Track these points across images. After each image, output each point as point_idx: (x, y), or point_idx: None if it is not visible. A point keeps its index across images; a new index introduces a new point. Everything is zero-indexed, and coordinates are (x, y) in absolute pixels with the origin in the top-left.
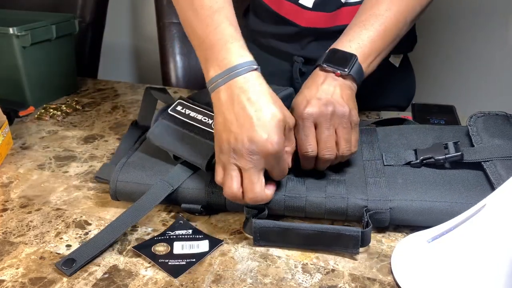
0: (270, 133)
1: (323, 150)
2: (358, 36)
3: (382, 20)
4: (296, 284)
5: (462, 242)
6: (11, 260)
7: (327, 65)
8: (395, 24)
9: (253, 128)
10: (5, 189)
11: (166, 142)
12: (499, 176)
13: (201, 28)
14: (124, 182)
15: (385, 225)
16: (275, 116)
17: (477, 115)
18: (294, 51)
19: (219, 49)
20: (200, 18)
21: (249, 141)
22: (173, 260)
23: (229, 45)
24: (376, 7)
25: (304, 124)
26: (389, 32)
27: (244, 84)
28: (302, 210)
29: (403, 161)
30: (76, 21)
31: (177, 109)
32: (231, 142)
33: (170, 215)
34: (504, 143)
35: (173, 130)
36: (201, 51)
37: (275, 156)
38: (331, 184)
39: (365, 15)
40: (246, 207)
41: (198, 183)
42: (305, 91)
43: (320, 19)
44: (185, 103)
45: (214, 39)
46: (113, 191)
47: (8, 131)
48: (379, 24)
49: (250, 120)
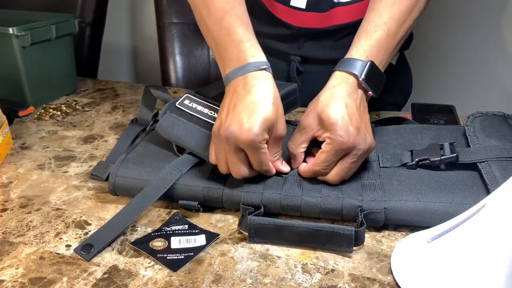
0: (252, 123)
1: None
2: (387, 46)
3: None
4: (296, 284)
5: (462, 242)
6: (10, 260)
7: (366, 85)
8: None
9: (239, 116)
10: (4, 189)
11: (173, 135)
12: (494, 177)
13: (215, 30)
14: (123, 178)
15: (380, 225)
16: (266, 113)
17: (474, 115)
18: (291, 51)
19: (232, 50)
20: (214, 20)
21: (231, 125)
22: (171, 254)
23: (241, 46)
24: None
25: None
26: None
27: (252, 81)
28: (298, 209)
29: (399, 163)
30: (76, 21)
31: (184, 102)
32: (219, 127)
33: (170, 215)
34: (500, 144)
35: (181, 123)
36: (217, 52)
37: (249, 145)
38: (327, 186)
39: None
40: (242, 204)
41: (195, 180)
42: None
43: (314, 20)
44: (193, 97)
45: (228, 40)
46: (112, 186)
47: (7, 131)
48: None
49: (240, 109)
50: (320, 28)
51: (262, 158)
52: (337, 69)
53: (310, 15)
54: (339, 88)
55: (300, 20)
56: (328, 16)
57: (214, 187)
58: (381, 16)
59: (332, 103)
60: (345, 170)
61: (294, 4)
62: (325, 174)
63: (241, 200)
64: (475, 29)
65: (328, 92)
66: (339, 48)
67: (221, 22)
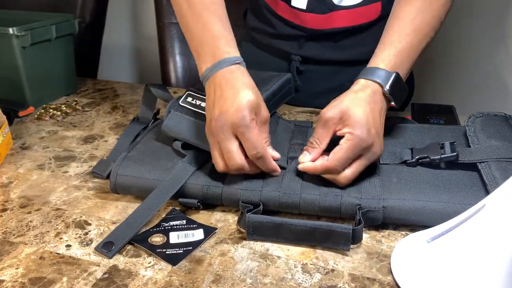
0: (239, 104)
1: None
2: (409, 56)
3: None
4: (296, 284)
5: (461, 242)
6: (11, 260)
7: (390, 96)
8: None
9: (225, 103)
10: (5, 189)
11: (180, 132)
12: (493, 177)
13: (193, 24)
14: (123, 176)
15: (378, 223)
16: (248, 97)
17: (475, 116)
18: (292, 50)
19: (208, 46)
20: (193, 14)
21: (219, 113)
22: (170, 249)
23: (217, 42)
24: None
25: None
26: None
27: (228, 75)
28: (297, 206)
29: (399, 160)
30: (76, 21)
31: (187, 100)
32: (210, 121)
33: (168, 211)
34: (501, 145)
35: (186, 120)
36: (193, 46)
37: (240, 124)
38: (326, 183)
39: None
40: (241, 202)
41: (195, 178)
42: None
43: (314, 21)
44: (194, 94)
45: (204, 35)
46: (113, 184)
47: (8, 131)
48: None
49: (224, 99)
50: (320, 29)
51: (254, 138)
52: (362, 77)
53: (310, 16)
54: (364, 93)
55: (300, 20)
56: (328, 18)
57: (214, 185)
58: (405, 27)
59: (358, 104)
60: (359, 170)
61: (294, 4)
62: (337, 173)
63: (240, 198)
64: (475, 29)
65: (352, 95)
66: (339, 49)
67: (198, 17)
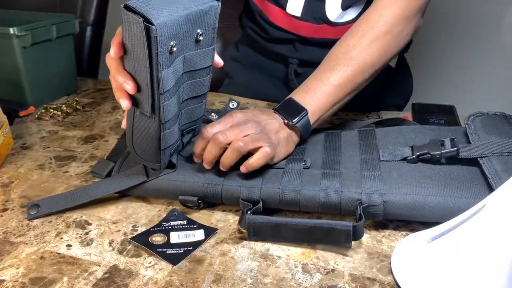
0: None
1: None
2: (314, 89)
3: (339, 75)
4: (296, 284)
5: (462, 242)
6: (11, 260)
7: (279, 113)
8: (352, 80)
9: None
10: (5, 189)
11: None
12: (495, 171)
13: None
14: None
15: (379, 219)
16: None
17: (475, 115)
18: (288, 53)
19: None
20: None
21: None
22: (171, 249)
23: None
24: (336, 60)
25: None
26: (344, 87)
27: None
28: (297, 203)
29: (399, 157)
30: (77, 21)
31: None
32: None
33: (168, 211)
34: (501, 140)
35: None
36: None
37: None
38: (326, 178)
39: (326, 67)
40: (241, 200)
41: (195, 177)
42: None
43: (308, 29)
44: None
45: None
46: None
47: (8, 131)
48: (336, 79)
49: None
50: (316, 38)
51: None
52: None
53: (305, 25)
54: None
55: (295, 27)
56: (321, 29)
57: (213, 183)
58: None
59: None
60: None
61: (290, 12)
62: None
63: (240, 195)
64: (475, 30)
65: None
66: None
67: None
